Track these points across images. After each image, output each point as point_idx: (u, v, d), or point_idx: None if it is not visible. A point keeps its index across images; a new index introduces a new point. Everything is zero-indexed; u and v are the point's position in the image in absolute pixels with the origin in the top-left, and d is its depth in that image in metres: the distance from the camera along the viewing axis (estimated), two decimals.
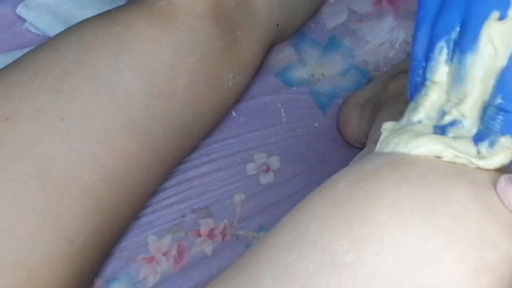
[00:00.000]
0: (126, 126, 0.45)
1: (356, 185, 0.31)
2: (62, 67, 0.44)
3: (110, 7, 0.50)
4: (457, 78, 0.34)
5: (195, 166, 0.58)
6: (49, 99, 0.43)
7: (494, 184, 0.30)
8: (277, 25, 0.56)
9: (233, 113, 0.60)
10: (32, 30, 0.57)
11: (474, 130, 0.33)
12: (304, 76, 0.63)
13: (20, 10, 0.56)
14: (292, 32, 0.61)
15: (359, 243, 0.29)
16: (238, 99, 0.57)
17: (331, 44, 0.64)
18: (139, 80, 0.45)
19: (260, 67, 0.61)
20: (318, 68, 0.63)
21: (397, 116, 0.50)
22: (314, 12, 0.62)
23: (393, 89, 0.58)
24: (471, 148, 0.32)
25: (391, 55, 0.64)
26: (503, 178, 0.29)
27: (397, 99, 0.56)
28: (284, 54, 0.63)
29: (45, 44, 0.47)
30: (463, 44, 0.33)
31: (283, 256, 0.31)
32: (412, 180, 0.29)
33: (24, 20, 0.57)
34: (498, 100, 0.32)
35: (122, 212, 0.47)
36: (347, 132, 0.61)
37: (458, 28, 0.34)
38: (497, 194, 0.28)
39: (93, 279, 0.52)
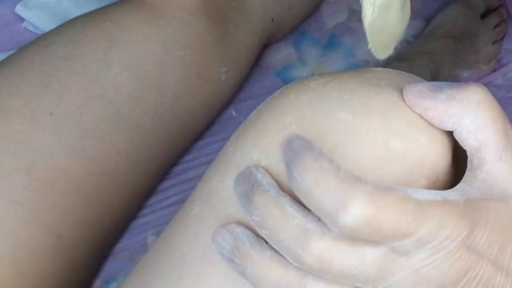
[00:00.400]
0: (115, 121, 0.45)
1: (264, 105, 0.33)
2: (51, 63, 0.44)
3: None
4: None
5: (194, 166, 0.58)
6: (37, 94, 0.43)
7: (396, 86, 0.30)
8: (272, 20, 0.56)
9: (233, 113, 0.60)
10: (30, 29, 0.57)
11: None
12: (305, 75, 0.62)
13: (19, 9, 0.56)
14: (290, 28, 0.61)
15: (266, 151, 0.30)
16: (233, 94, 0.57)
17: (331, 43, 0.63)
18: (128, 74, 0.45)
19: (260, 67, 0.61)
20: (319, 67, 0.63)
21: None
22: (313, 9, 0.62)
23: None
24: None
25: (391, 54, 0.64)
26: (406, 90, 0.29)
27: None
28: (284, 54, 0.63)
29: (36, 41, 0.47)
30: None
31: (207, 185, 0.33)
32: (312, 88, 0.30)
33: (22, 19, 0.57)
34: None
35: (112, 207, 0.47)
36: None
37: None
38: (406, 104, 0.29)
39: (90, 277, 0.51)
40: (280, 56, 0.62)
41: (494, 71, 0.64)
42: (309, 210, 0.26)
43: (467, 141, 0.27)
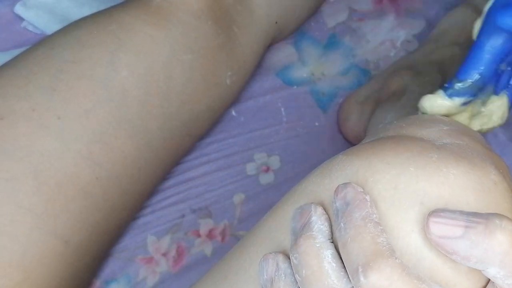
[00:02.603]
0: (123, 125, 0.45)
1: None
2: (58, 66, 0.44)
3: (108, 6, 0.50)
4: None
5: (194, 166, 0.58)
6: (45, 98, 0.43)
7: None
8: (276, 22, 0.56)
9: (233, 112, 0.60)
10: (30, 29, 0.57)
11: None
12: (305, 75, 0.62)
13: (18, 8, 0.56)
14: (292, 30, 0.61)
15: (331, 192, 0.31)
16: (237, 97, 0.57)
17: (331, 43, 0.63)
18: (135, 78, 0.45)
19: (260, 66, 0.61)
20: (319, 67, 0.63)
21: (400, 111, 0.50)
22: (314, 10, 0.62)
23: (394, 86, 0.57)
24: None
25: (392, 54, 0.64)
26: (428, 227, 0.27)
27: (399, 96, 0.55)
28: (285, 53, 0.62)
29: (41, 43, 0.47)
30: None
31: (281, 206, 0.35)
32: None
33: (22, 19, 0.56)
34: None
35: (119, 211, 0.47)
36: (347, 130, 0.60)
37: None
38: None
39: (91, 279, 0.51)
40: (280, 56, 0.62)
41: None
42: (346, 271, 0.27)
43: (497, 282, 0.26)
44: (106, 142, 0.44)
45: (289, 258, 0.29)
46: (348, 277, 0.27)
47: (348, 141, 0.62)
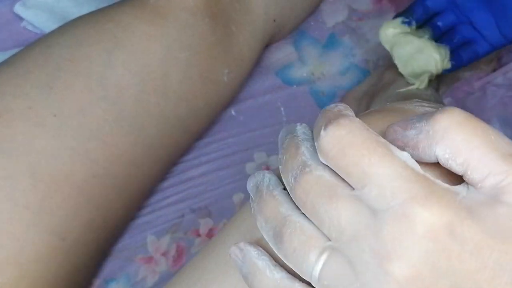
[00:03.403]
0: (119, 123, 0.45)
1: None
2: (55, 64, 0.44)
3: (106, 5, 0.50)
4: None
5: (194, 166, 0.58)
6: (41, 96, 0.43)
7: None
8: (274, 20, 0.56)
9: (233, 112, 0.60)
10: (29, 29, 0.57)
11: None
12: (304, 74, 0.62)
13: (18, 8, 0.56)
14: (291, 28, 0.61)
15: None
16: (234, 95, 0.57)
17: (331, 42, 0.63)
18: (132, 76, 0.45)
19: (259, 66, 0.61)
20: (318, 67, 0.63)
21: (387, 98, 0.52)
22: (313, 9, 0.62)
23: (387, 78, 0.58)
24: None
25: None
26: (387, 131, 0.29)
27: (389, 85, 0.56)
28: (284, 53, 0.62)
29: (38, 42, 0.47)
30: None
31: None
32: None
33: (21, 19, 0.57)
34: None
35: (116, 209, 0.47)
36: None
37: None
38: None
39: (89, 277, 0.51)
40: (279, 55, 0.62)
41: (494, 70, 0.64)
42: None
43: (452, 168, 0.26)
44: (103, 140, 0.44)
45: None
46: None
47: None
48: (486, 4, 0.50)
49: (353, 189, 0.26)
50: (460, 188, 0.25)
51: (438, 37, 0.55)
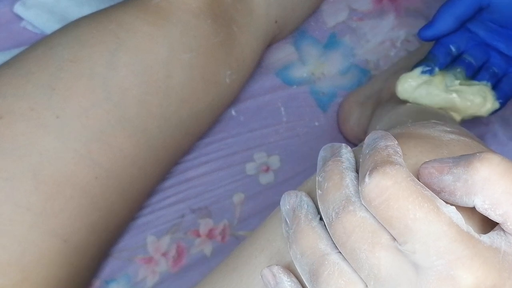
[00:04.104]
0: (122, 124, 0.44)
1: None
2: (57, 65, 0.44)
3: (107, 5, 0.50)
4: None
5: (194, 166, 0.58)
6: (44, 97, 0.43)
7: None
8: (276, 21, 0.56)
9: (233, 112, 0.60)
10: (29, 29, 0.56)
11: None
12: (305, 75, 0.62)
13: (18, 8, 0.56)
14: (291, 29, 0.61)
15: None
16: (236, 96, 0.57)
17: (331, 42, 0.63)
18: (134, 77, 0.45)
19: (260, 66, 0.61)
20: (319, 67, 0.62)
21: (401, 113, 0.51)
22: (314, 10, 0.62)
23: (394, 86, 0.57)
24: None
25: (392, 53, 0.64)
26: (420, 173, 0.28)
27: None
28: (284, 53, 0.62)
29: (40, 42, 0.46)
30: None
31: None
32: None
33: (21, 19, 0.56)
34: None
35: (118, 211, 0.47)
36: (347, 130, 0.60)
37: None
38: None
39: (91, 279, 0.51)
40: (280, 55, 0.62)
41: None
42: None
43: (491, 217, 0.25)
44: (105, 141, 0.44)
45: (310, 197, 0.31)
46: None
47: (348, 141, 0.61)
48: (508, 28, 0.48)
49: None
50: (499, 239, 0.25)
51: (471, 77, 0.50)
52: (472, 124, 0.61)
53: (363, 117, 0.58)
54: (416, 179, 0.26)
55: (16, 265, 0.41)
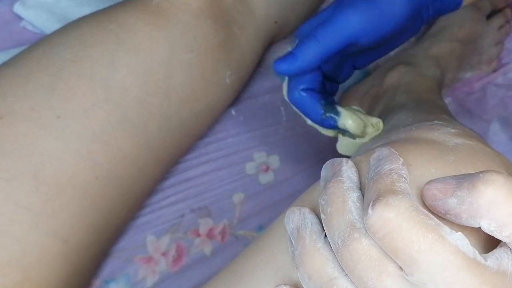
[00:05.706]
0: (122, 124, 0.44)
1: None
2: (58, 65, 0.44)
3: (107, 5, 0.50)
4: None
5: (194, 166, 0.58)
6: (44, 97, 0.43)
7: None
8: (276, 22, 0.56)
9: (233, 112, 0.60)
10: (29, 28, 0.56)
11: None
12: None
13: (17, 8, 0.56)
14: (291, 29, 0.61)
15: None
16: (236, 96, 0.57)
17: None
18: (135, 77, 0.45)
19: (260, 66, 0.61)
20: None
21: (395, 107, 0.51)
22: (314, 10, 0.62)
23: (390, 81, 0.58)
24: None
25: (392, 53, 0.63)
26: (424, 195, 0.28)
27: (395, 90, 0.56)
28: (284, 53, 0.62)
29: (41, 42, 0.46)
30: None
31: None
32: None
33: (21, 18, 0.56)
34: None
35: (118, 211, 0.47)
36: None
37: None
38: None
39: (90, 279, 0.51)
40: (280, 55, 0.62)
41: (494, 70, 0.64)
42: None
43: (497, 237, 0.26)
44: (106, 142, 0.44)
45: (315, 213, 0.30)
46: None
47: None
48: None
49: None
50: (505, 258, 0.25)
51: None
52: (472, 124, 0.61)
53: None
54: (420, 207, 0.26)
55: (16, 265, 0.41)
